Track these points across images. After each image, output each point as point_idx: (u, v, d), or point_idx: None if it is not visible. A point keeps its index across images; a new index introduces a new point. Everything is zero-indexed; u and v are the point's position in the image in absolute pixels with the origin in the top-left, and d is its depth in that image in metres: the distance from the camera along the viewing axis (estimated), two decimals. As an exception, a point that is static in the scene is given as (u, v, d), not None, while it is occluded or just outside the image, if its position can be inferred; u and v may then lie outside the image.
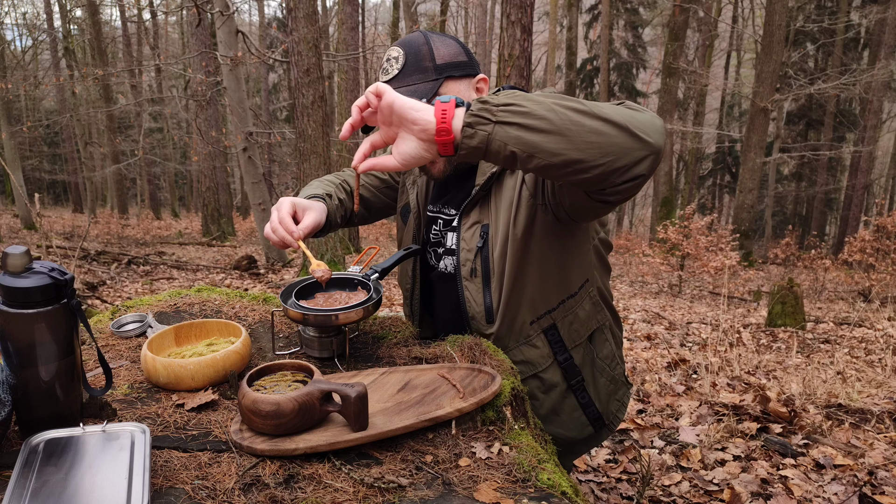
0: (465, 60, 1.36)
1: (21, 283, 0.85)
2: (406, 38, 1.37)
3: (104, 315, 1.57)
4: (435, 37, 1.36)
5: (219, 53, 8.42)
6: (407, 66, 1.32)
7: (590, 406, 1.49)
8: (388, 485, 0.84)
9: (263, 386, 1.01)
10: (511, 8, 5.50)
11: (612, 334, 1.55)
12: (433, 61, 1.32)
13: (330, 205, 1.49)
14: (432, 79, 1.32)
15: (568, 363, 1.44)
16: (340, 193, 1.59)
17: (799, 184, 20.44)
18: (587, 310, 1.46)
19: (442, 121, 0.95)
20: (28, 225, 13.31)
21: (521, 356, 1.41)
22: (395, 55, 1.34)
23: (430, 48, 1.33)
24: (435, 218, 1.53)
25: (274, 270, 8.77)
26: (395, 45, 1.36)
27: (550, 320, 1.41)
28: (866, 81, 13.42)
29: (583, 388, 1.47)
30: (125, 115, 20.83)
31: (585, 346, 1.47)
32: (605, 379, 1.52)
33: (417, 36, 1.36)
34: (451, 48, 1.35)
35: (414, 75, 1.32)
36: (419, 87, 1.30)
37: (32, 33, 20.77)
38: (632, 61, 22.21)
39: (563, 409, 1.47)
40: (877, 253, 8.74)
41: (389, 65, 1.34)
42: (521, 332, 1.40)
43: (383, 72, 1.36)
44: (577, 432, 1.50)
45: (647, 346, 4.67)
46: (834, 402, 2.97)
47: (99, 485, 0.76)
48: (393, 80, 1.33)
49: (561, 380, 1.44)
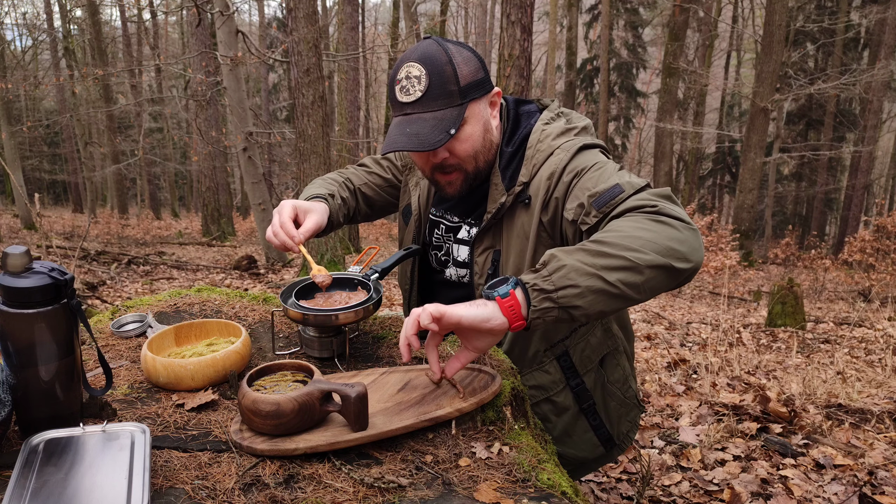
0: (484, 77, 1.31)
1: (21, 283, 0.85)
2: (427, 54, 1.26)
3: (104, 315, 1.57)
4: (455, 53, 1.27)
5: (219, 53, 8.42)
6: (431, 89, 1.24)
7: (601, 428, 1.52)
8: (388, 485, 0.84)
9: (263, 386, 1.01)
10: (511, 8, 5.50)
11: (624, 358, 1.56)
12: (458, 84, 1.25)
13: (332, 204, 1.48)
14: (457, 104, 1.26)
15: (580, 388, 1.47)
16: (343, 192, 1.58)
17: (799, 184, 20.43)
18: (598, 336, 1.48)
19: (514, 319, 0.99)
20: (28, 225, 13.31)
21: (534, 381, 1.43)
22: (416, 74, 1.25)
23: (454, 69, 1.25)
24: (437, 222, 1.53)
25: (274, 270, 8.77)
26: (416, 62, 1.25)
27: (563, 347, 1.43)
28: (866, 81, 13.41)
29: (594, 411, 1.50)
30: (125, 115, 20.82)
31: (597, 371, 1.49)
32: (616, 402, 1.54)
33: (438, 52, 1.26)
34: (472, 65, 1.28)
35: (439, 100, 1.25)
36: (446, 115, 1.25)
37: (32, 33, 20.76)
38: (632, 61, 22.19)
39: (576, 430, 1.49)
40: (877, 253, 8.75)
41: (411, 84, 1.26)
42: (534, 359, 1.43)
43: (403, 91, 1.27)
44: (589, 452, 1.53)
45: (647, 346, 4.67)
46: (834, 402, 2.97)
47: (99, 485, 0.76)
48: (416, 102, 1.25)
49: (573, 403, 1.47)
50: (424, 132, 1.24)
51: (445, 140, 1.23)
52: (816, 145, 17.71)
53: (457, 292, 1.52)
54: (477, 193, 1.43)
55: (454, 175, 1.35)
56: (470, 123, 1.29)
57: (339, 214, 1.52)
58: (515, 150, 1.38)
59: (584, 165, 1.27)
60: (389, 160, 1.68)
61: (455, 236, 1.50)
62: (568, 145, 1.32)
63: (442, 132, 1.23)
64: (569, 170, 1.29)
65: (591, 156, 1.30)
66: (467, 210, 1.48)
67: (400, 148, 1.25)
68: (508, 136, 1.41)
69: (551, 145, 1.33)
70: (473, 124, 1.30)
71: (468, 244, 1.46)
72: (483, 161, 1.36)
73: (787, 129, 19.42)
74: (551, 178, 1.30)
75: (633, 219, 1.08)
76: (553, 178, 1.30)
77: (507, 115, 1.43)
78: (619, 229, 1.05)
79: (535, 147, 1.34)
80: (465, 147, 1.31)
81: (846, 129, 18.36)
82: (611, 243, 1.02)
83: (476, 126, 1.31)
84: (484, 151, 1.35)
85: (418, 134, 1.24)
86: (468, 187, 1.39)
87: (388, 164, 1.68)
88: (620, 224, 1.07)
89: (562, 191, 1.29)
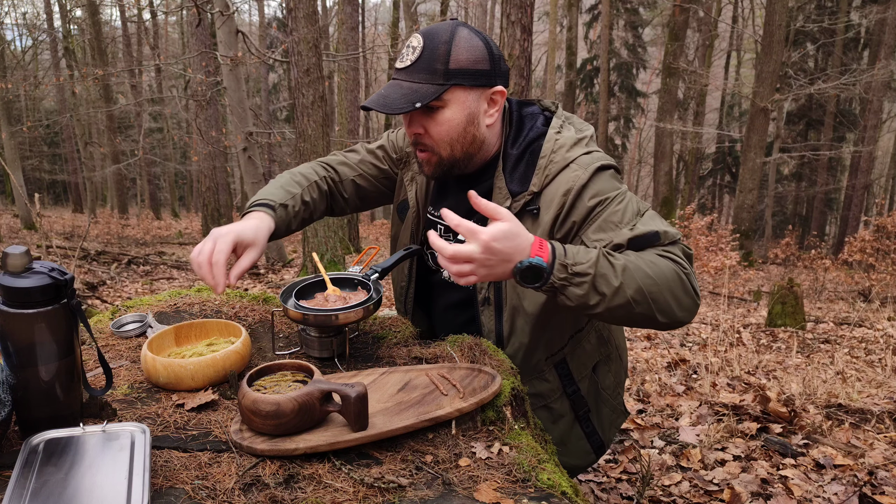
0: (485, 69, 1.27)
1: (21, 283, 0.85)
2: (434, 30, 1.27)
3: (104, 315, 1.57)
4: (462, 38, 1.25)
5: (219, 53, 8.42)
6: (419, 61, 1.24)
7: (594, 435, 1.54)
8: (388, 485, 0.84)
9: (263, 386, 1.01)
10: (511, 8, 5.50)
11: (616, 365, 1.58)
12: (445, 65, 1.23)
13: (279, 216, 1.40)
14: (438, 83, 1.24)
15: (576, 395, 1.48)
16: (311, 194, 1.52)
17: (799, 184, 20.43)
18: (593, 343, 1.50)
19: (536, 250, 1.09)
20: (28, 225, 13.31)
21: (533, 389, 1.43)
22: (415, 44, 1.26)
23: (449, 49, 1.23)
24: (435, 223, 1.51)
25: (274, 270, 8.77)
26: (420, 33, 1.27)
27: (562, 355, 1.45)
28: (866, 81, 13.40)
29: (588, 419, 1.51)
30: (125, 115, 20.82)
31: (591, 378, 1.51)
32: (609, 409, 1.56)
33: (444, 31, 1.26)
34: (474, 54, 1.25)
35: (421, 73, 1.24)
36: (420, 88, 1.24)
37: (32, 33, 20.75)
38: (632, 61, 22.19)
39: (571, 438, 1.50)
40: (877, 253, 8.75)
41: (407, 52, 1.28)
42: (535, 368, 1.43)
43: (400, 57, 1.30)
44: (581, 460, 1.54)
45: (647, 346, 4.67)
46: (834, 402, 2.97)
47: (99, 485, 0.76)
48: (404, 70, 1.27)
49: (569, 410, 1.48)
50: (393, 97, 1.25)
51: (406, 110, 1.22)
52: (816, 145, 17.71)
53: (455, 294, 1.51)
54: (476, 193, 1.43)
55: (427, 154, 1.34)
56: (450, 108, 1.27)
57: (291, 223, 1.46)
58: (521, 154, 1.36)
59: (608, 194, 1.26)
60: (385, 151, 1.62)
61: (455, 238, 1.47)
62: (584, 161, 1.29)
63: (407, 102, 1.23)
64: (590, 193, 1.27)
65: (610, 181, 1.29)
66: (468, 211, 1.45)
67: (369, 105, 1.26)
68: (513, 138, 1.38)
69: (566, 157, 1.30)
70: (455, 110, 1.27)
71: None
72: (461, 151, 1.32)
73: (787, 129, 19.42)
74: (567, 194, 1.27)
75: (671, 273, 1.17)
76: (570, 195, 1.27)
77: (510, 117, 1.40)
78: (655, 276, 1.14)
79: (548, 157, 1.31)
80: (440, 130, 1.29)
81: (846, 129, 18.36)
82: (638, 289, 1.12)
83: (458, 114, 1.27)
84: (463, 142, 1.31)
85: (387, 97, 1.26)
86: (442, 172, 1.36)
87: (383, 155, 1.62)
88: (661, 268, 1.16)
89: (581, 215, 1.27)
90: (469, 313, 1.49)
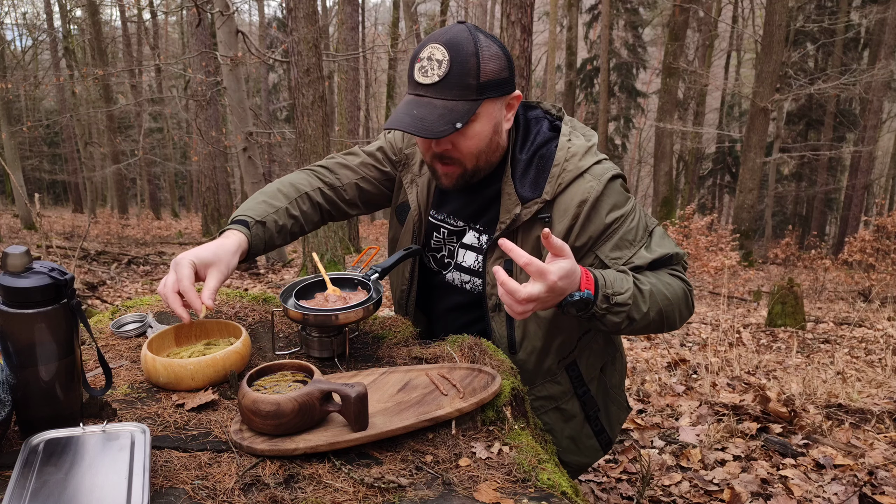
0: (507, 77, 1.26)
1: (21, 283, 0.85)
2: (455, 40, 1.21)
3: (104, 315, 1.57)
4: (484, 46, 1.22)
5: (219, 53, 8.42)
6: (449, 76, 1.20)
7: (602, 433, 1.56)
8: (388, 485, 0.84)
9: (263, 386, 1.01)
10: (511, 8, 5.50)
11: (620, 363, 1.63)
12: (477, 79, 1.20)
13: (255, 233, 1.34)
14: (472, 98, 1.21)
15: (586, 396, 1.50)
16: (300, 206, 1.46)
17: (799, 184, 20.43)
18: (601, 343, 1.53)
19: (585, 284, 1.15)
20: (28, 225, 13.31)
21: (545, 392, 1.45)
22: (439, 57, 1.20)
23: (478, 62, 1.20)
24: (438, 226, 1.50)
25: (274, 270, 8.77)
26: (441, 44, 1.21)
27: (572, 358, 1.46)
28: (866, 81, 13.40)
29: (597, 418, 1.54)
30: (125, 115, 20.82)
31: (599, 378, 1.54)
32: (616, 407, 1.59)
33: (467, 41, 1.21)
34: (498, 63, 1.23)
35: (454, 90, 1.20)
36: (457, 106, 1.20)
37: (32, 33, 20.76)
38: (632, 61, 22.19)
39: (581, 437, 1.52)
40: (877, 253, 8.75)
41: (431, 66, 1.21)
42: (548, 371, 1.44)
43: (421, 71, 1.22)
44: (590, 458, 1.57)
45: (647, 346, 4.67)
46: (834, 402, 2.97)
47: (99, 485, 0.76)
48: (432, 86, 1.21)
49: (579, 410, 1.50)
50: (430, 119, 1.19)
51: (449, 132, 1.19)
52: (816, 145, 17.71)
53: (458, 297, 1.50)
54: (482, 197, 1.40)
55: (452, 168, 1.32)
56: (480, 121, 1.25)
57: (274, 238, 1.40)
58: (530, 159, 1.34)
59: (623, 211, 1.30)
60: (384, 152, 1.58)
61: (460, 240, 1.46)
62: (597, 171, 1.29)
63: (448, 123, 1.19)
64: (606, 208, 1.28)
65: (622, 192, 1.32)
66: (473, 215, 1.44)
67: (403, 128, 1.20)
68: (521, 142, 1.37)
69: (578, 166, 1.29)
70: (483, 123, 1.26)
71: (478, 251, 1.43)
72: (485, 161, 1.32)
73: (787, 129, 19.42)
74: (582, 206, 1.27)
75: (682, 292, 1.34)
76: (584, 206, 1.27)
77: (517, 120, 1.39)
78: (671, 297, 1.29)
79: (561, 165, 1.30)
80: (470, 144, 1.27)
81: (846, 129, 18.36)
82: (659, 310, 1.26)
83: (486, 125, 1.26)
84: (488, 152, 1.31)
85: (423, 119, 1.20)
86: (464, 183, 1.35)
87: (382, 157, 1.58)
88: (675, 289, 1.31)
89: (598, 230, 1.28)
90: (471, 315, 1.49)
